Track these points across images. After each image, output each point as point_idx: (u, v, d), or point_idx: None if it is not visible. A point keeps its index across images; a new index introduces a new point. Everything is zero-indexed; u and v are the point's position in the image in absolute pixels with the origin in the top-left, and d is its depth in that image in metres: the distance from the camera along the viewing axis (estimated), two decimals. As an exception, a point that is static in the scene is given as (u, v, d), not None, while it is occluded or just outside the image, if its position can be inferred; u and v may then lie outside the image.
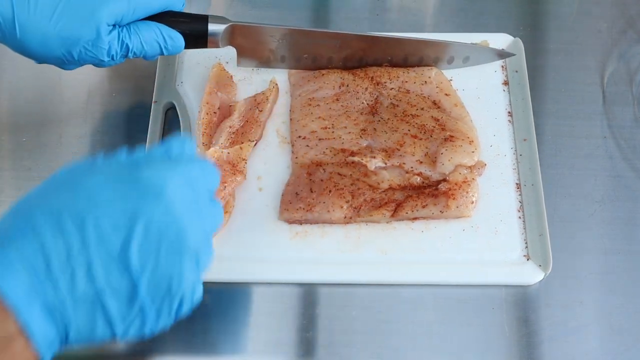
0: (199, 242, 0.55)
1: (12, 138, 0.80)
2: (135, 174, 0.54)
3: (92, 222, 0.51)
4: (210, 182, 0.58)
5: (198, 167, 0.56)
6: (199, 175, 0.56)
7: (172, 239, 0.53)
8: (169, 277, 0.53)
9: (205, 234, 0.56)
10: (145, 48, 0.71)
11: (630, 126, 0.81)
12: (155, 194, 0.53)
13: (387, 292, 0.71)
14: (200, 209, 0.55)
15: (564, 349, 0.69)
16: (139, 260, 0.52)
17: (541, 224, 0.73)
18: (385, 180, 0.74)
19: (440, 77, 0.81)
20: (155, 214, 0.52)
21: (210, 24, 0.75)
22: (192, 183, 0.55)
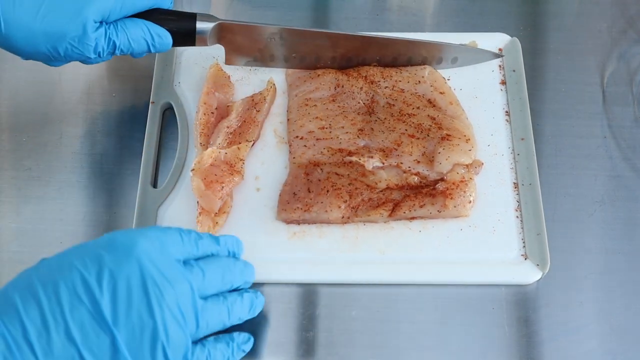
0: (179, 297, 0.57)
1: (12, 138, 0.80)
2: (108, 238, 0.58)
3: (64, 285, 0.54)
4: (187, 245, 0.61)
5: (170, 231, 0.60)
6: (171, 238, 0.60)
7: (143, 292, 0.55)
8: (146, 328, 0.55)
9: (189, 289, 0.58)
10: (132, 45, 0.71)
11: (630, 126, 0.81)
12: (126, 251, 0.56)
13: (387, 292, 0.71)
14: (177, 266, 0.58)
15: (564, 349, 0.69)
16: (112, 315, 0.54)
17: (539, 223, 0.73)
18: (383, 180, 0.74)
19: (434, 75, 0.81)
20: (126, 270, 0.55)
21: (199, 22, 0.74)
22: (164, 243, 0.59)
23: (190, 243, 0.61)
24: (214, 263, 0.62)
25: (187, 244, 0.61)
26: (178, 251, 0.60)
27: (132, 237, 0.58)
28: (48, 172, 0.78)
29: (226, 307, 0.62)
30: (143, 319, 0.55)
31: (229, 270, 0.63)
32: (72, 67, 0.81)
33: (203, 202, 0.72)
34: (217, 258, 0.63)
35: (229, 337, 0.64)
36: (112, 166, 0.78)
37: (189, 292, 0.58)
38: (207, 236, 0.63)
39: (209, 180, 0.72)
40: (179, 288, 0.57)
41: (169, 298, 0.56)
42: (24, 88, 0.83)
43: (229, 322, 0.62)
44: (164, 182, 0.76)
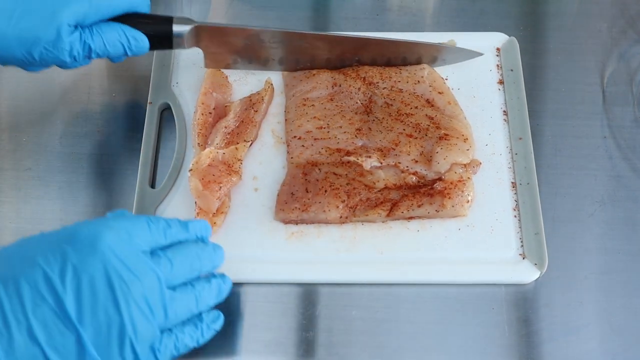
0: (146, 290, 0.56)
1: (12, 138, 0.80)
2: (71, 230, 0.56)
3: (26, 283, 0.53)
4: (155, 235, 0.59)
5: (137, 221, 0.59)
6: (137, 228, 0.58)
7: (109, 287, 0.54)
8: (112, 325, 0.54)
9: (156, 280, 0.57)
10: (108, 49, 0.71)
11: (630, 126, 0.81)
12: (90, 245, 0.55)
13: (387, 291, 0.71)
14: (143, 258, 0.57)
15: (564, 349, 0.69)
16: (77, 313, 0.53)
17: (537, 223, 0.73)
18: (381, 180, 0.74)
19: (433, 75, 0.81)
20: (90, 265, 0.54)
21: (175, 25, 0.74)
22: (130, 234, 0.57)
23: (158, 232, 0.60)
24: (183, 251, 0.61)
25: (155, 233, 0.60)
26: (145, 241, 0.58)
27: (96, 229, 0.56)
28: (48, 172, 0.78)
29: (194, 296, 0.61)
30: (109, 315, 0.54)
31: (198, 258, 0.62)
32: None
33: (201, 202, 0.72)
34: (185, 245, 0.62)
35: (197, 318, 0.62)
36: (112, 166, 0.78)
37: (157, 284, 0.57)
38: (175, 223, 0.62)
39: (206, 180, 0.72)
40: (146, 281, 0.56)
41: (135, 292, 0.55)
42: (24, 88, 0.83)
43: (197, 309, 0.61)
44: (161, 183, 0.76)
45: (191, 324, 0.61)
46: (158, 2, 0.90)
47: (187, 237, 0.63)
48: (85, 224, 0.58)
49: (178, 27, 0.74)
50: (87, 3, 0.68)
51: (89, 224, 0.57)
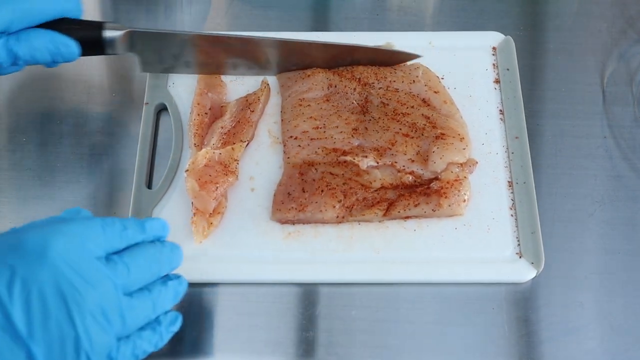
0: (102, 299, 0.54)
1: (12, 138, 0.80)
2: (18, 238, 0.54)
3: None
4: (110, 238, 0.57)
5: (90, 224, 0.56)
6: (91, 232, 0.55)
7: (61, 299, 0.52)
8: (67, 338, 0.52)
9: (112, 288, 0.55)
10: (35, 55, 0.70)
11: (630, 126, 0.81)
12: (39, 254, 0.53)
13: (387, 291, 0.71)
14: (98, 265, 0.55)
15: (564, 349, 0.69)
16: (26, 327, 0.51)
17: (533, 222, 0.73)
18: (377, 180, 0.74)
19: (429, 74, 0.81)
20: (40, 276, 0.52)
21: (106, 30, 0.74)
22: (83, 240, 0.55)
23: (113, 234, 0.57)
24: (140, 255, 0.59)
25: (110, 236, 0.57)
26: (99, 246, 0.56)
27: (45, 235, 0.54)
28: (48, 172, 0.78)
29: (151, 301, 0.59)
30: (63, 328, 0.52)
31: (156, 261, 0.60)
32: (72, 67, 0.82)
33: (197, 202, 0.72)
34: (143, 248, 0.60)
35: (154, 322, 0.60)
36: (112, 166, 0.78)
37: (113, 292, 0.55)
38: (131, 224, 0.60)
39: (203, 180, 0.72)
40: (101, 289, 0.54)
41: (90, 302, 0.53)
42: (24, 88, 0.83)
43: (154, 315, 0.59)
44: (158, 183, 0.76)
45: (149, 329, 0.59)
46: (158, 3, 0.90)
47: (144, 238, 0.61)
48: (34, 229, 0.55)
49: (109, 32, 0.74)
50: (12, 10, 0.67)
51: (38, 230, 0.55)
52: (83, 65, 0.83)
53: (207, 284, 0.71)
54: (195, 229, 0.72)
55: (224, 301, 0.71)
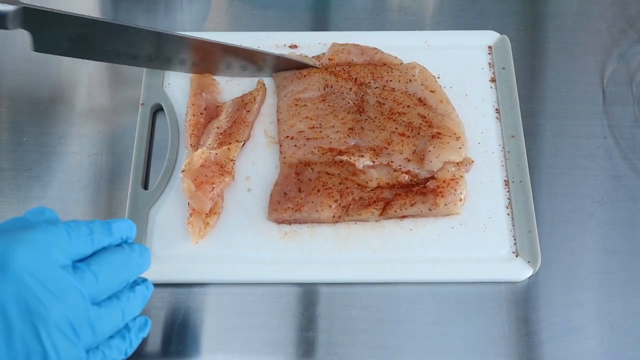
0: (70, 311, 0.52)
1: (12, 138, 0.80)
2: None
3: None
4: (76, 244, 0.54)
5: (55, 230, 0.53)
6: (56, 239, 0.53)
7: (26, 313, 0.50)
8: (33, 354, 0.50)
9: (80, 298, 0.53)
10: None
11: (630, 126, 0.81)
12: (1, 267, 0.50)
13: (387, 291, 0.71)
14: (64, 275, 0.52)
15: (564, 349, 0.69)
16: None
17: (530, 221, 0.73)
18: (374, 179, 0.74)
19: (425, 74, 0.81)
20: (2, 290, 0.50)
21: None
22: (48, 248, 0.52)
23: (79, 240, 0.54)
24: (108, 261, 0.56)
25: (76, 242, 0.54)
26: (65, 253, 0.53)
27: (7, 245, 0.51)
28: (48, 172, 0.78)
29: (120, 309, 0.57)
30: (28, 345, 0.50)
31: (125, 267, 0.57)
32: (72, 67, 0.82)
33: (194, 203, 0.72)
34: (111, 254, 0.57)
35: (124, 329, 0.58)
36: (112, 166, 0.78)
37: (81, 303, 0.52)
38: (97, 227, 0.56)
39: (199, 181, 0.72)
40: (68, 301, 0.52)
41: (57, 316, 0.51)
42: (24, 88, 0.83)
43: (123, 323, 0.57)
44: (154, 184, 0.76)
45: (118, 337, 0.58)
46: (158, 2, 0.90)
47: (111, 241, 0.58)
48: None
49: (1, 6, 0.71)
50: None
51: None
52: (84, 66, 0.83)
53: (205, 284, 0.71)
54: (192, 229, 0.72)
55: (223, 301, 0.71)
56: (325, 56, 0.82)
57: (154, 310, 0.70)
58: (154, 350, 0.69)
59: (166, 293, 0.71)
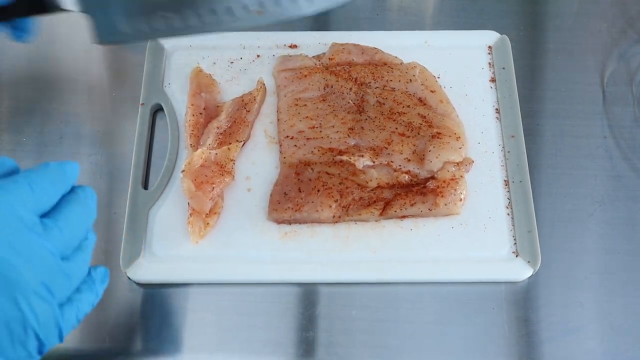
0: (43, 272, 0.50)
1: (12, 138, 0.80)
2: None
3: None
4: (39, 198, 0.52)
5: (18, 186, 0.51)
6: (20, 195, 0.50)
7: (2, 281, 0.48)
8: (12, 321, 0.48)
9: (50, 256, 0.51)
10: None
11: (630, 126, 0.81)
12: None
13: (386, 291, 0.71)
14: (33, 237, 0.50)
15: (564, 349, 0.69)
16: None
17: (530, 221, 0.73)
18: (374, 179, 0.74)
19: (425, 74, 0.81)
20: None
21: None
22: (13, 209, 0.49)
23: (42, 193, 0.51)
24: (72, 213, 0.53)
25: (40, 196, 0.51)
26: (31, 210, 0.51)
27: None
28: (48, 172, 0.78)
29: (84, 259, 0.54)
30: (7, 313, 0.48)
31: (86, 216, 0.55)
32: (72, 67, 0.82)
33: (194, 203, 0.72)
34: (72, 205, 0.54)
35: (89, 281, 0.56)
36: (112, 166, 0.78)
37: (52, 261, 0.51)
38: (56, 175, 0.53)
39: (199, 181, 0.72)
40: (41, 263, 0.50)
41: (32, 280, 0.49)
42: (24, 88, 0.83)
43: (87, 270, 0.55)
44: (154, 184, 0.76)
45: (86, 289, 0.56)
46: (157, 2, 0.90)
47: (66, 188, 0.55)
48: None
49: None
50: None
51: None
52: (84, 65, 0.83)
53: (205, 284, 0.71)
54: (192, 229, 0.72)
55: (223, 301, 0.71)
56: (325, 56, 0.82)
57: (154, 310, 0.70)
58: (154, 350, 0.69)
59: (166, 293, 0.71)
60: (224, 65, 0.83)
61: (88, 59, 0.84)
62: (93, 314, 0.68)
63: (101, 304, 0.69)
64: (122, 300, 0.71)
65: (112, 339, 0.69)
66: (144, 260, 0.72)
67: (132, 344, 0.69)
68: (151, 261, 0.72)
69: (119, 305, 0.71)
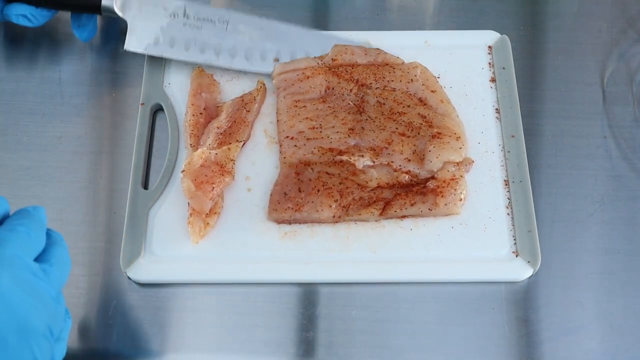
0: (46, 314, 0.51)
1: (12, 138, 0.80)
2: None
3: None
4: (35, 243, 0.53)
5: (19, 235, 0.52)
6: (22, 246, 0.52)
7: (16, 330, 0.49)
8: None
9: (51, 300, 0.52)
10: None
11: (630, 126, 0.81)
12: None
13: (387, 291, 0.71)
14: (38, 282, 0.51)
15: (564, 349, 0.69)
16: None
17: (530, 221, 0.73)
18: (374, 179, 0.74)
19: (426, 74, 0.81)
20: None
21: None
22: (19, 259, 0.51)
23: (38, 239, 0.53)
24: (60, 255, 0.55)
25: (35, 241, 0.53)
26: (31, 257, 0.52)
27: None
28: (48, 172, 0.78)
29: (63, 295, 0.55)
30: (21, 356, 0.49)
31: (67, 257, 0.56)
32: (72, 66, 0.82)
33: (194, 203, 0.72)
34: (57, 247, 0.55)
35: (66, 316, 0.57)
36: (113, 166, 0.78)
37: (52, 304, 0.52)
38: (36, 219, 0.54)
39: (199, 181, 0.72)
40: (47, 308, 0.51)
41: (42, 326, 0.51)
42: (24, 88, 0.83)
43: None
44: (154, 184, 0.76)
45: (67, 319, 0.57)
46: (157, 2, 0.90)
47: (45, 230, 0.56)
48: None
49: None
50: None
51: None
52: (84, 65, 0.83)
53: (205, 284, 0.71)
54: (192, 229, 0.72)
55: (223, 301, 0.71)
56: (328, 56, 0.82)
57: (154, 310, 0.70)
58: (154, 350, 0.69)
59: (166, 293, 0.71)
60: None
61: (88, 59, 0.84)
62: (93, 314, 0.68)
63: (101, 304, 0.69)
64: (122, 300, 0.71)
65: (112, 339, 0.69)
66: (144, 260, 0.72)
67: (132, 344, 0.69)
68: (151, 261, 0.72)
69: (119, 305, 0.71)
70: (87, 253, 0.73)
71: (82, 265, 0.72)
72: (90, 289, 0.71)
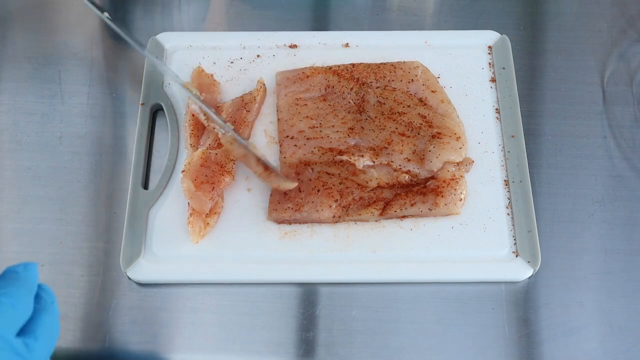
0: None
1: (12, 138, 0.80)
2: None
3: None
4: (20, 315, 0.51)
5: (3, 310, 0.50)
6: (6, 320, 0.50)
7: None
8: None
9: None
10: None
11: (630, 126, 0.81)
12: None
13: (387, 291, 0.71)
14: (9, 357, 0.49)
15: (564, 349, 0.69)
16: None
17: (530, 221, 0.73)
18: (374, 179, 0.74)
19: (427, 74, 0.81)
20: None
21: None
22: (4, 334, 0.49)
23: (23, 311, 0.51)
24: (45, 325, 0.53)
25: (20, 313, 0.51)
26: (15, 330, 0.50)
27: None
28: (48, 172, 0.78)
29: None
30: None
31: (56, 324, 0.54)
32: (72, 66, 0.82)
33: (194, 203, 0.72)
34: (45, 316, 0.53)
35: None
36: (112, 166, 0.78)
37: None
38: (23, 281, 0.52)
39: (199, 181, 0.72)
40: None
41: None
42: (24, 88, 0.83)
43: None
44: (154, 184, 0.76)
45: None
46: (156, 2, 0.90)
47: (35, 290, 0.54)
48: None
49: None
50: None
51: None
52: (83, 65, 0.83)
53: (205, 284, 0.71)
54: (192, 229, 0.72)
55: (223, 301, 0.71)
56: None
57: (154, 310, 0.70)
58: (154, 350, 0.69)
59: (166, 293, 0.71)
60: (224, 65, 0.83)
61: (88, 59, 0.84)
62: (93, 314, 0.68)
63: (101, 304, 0.69)
64: (122, 300, 0.71)
65: (112, 339, 0.69)
66: (144, 260, 0.72)
67: (132, 344, 0.69)
68: (151, 261, 0.72)
69: (119, 305, 0.71)
70: (87, 253, 0.73)
71: (82, 265, 0.72)
72: (90, 289, 0.71)
